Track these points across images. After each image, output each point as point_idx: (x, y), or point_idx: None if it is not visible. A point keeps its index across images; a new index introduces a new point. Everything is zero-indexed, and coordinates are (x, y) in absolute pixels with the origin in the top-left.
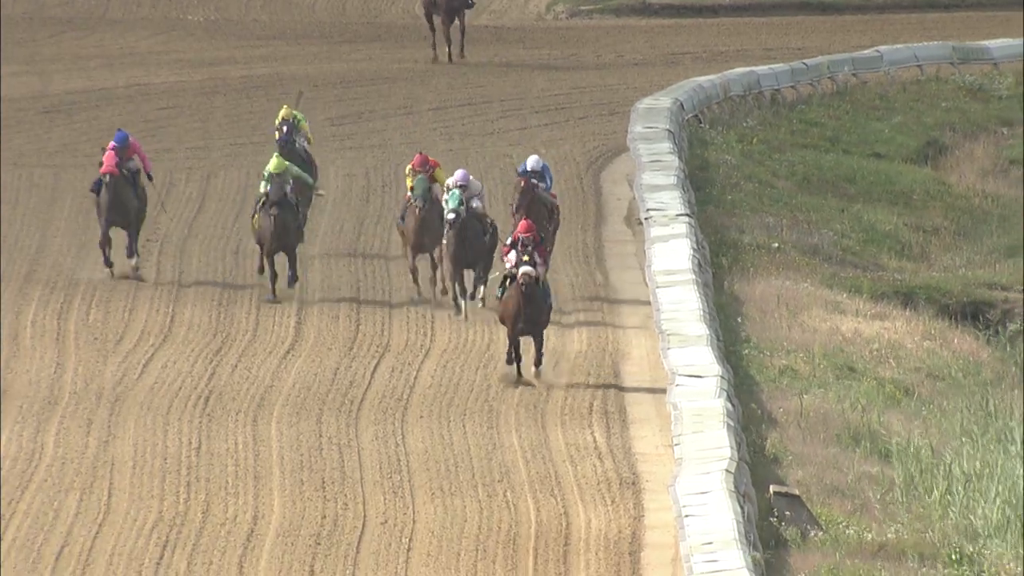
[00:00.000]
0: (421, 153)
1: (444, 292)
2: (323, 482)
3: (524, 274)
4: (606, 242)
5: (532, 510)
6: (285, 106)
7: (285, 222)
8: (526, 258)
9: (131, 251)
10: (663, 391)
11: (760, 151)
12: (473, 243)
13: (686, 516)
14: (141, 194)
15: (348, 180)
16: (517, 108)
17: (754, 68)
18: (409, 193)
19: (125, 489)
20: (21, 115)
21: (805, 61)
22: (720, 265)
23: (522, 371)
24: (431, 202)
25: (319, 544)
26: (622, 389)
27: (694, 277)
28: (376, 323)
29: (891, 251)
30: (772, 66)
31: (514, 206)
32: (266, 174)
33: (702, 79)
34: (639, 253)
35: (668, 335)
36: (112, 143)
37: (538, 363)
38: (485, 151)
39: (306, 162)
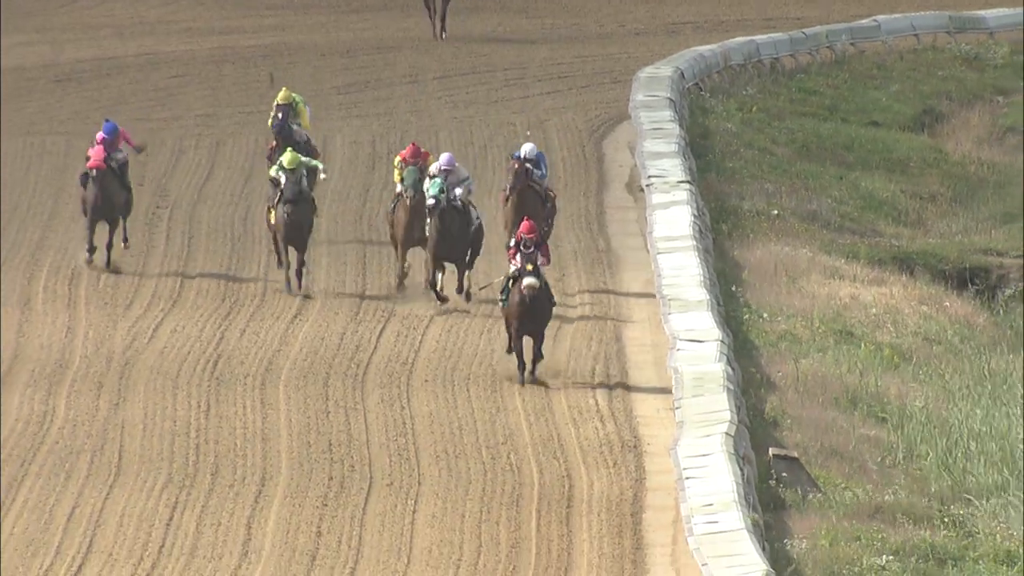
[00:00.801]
0: (414, 143)
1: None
2: (330, 444)
3: (528, 286)
4: (608, 208)
5: (535, 472)
6: (284, 88)
7: (300, 220)
8: (530, 267)
9: (123, 238)
10: (664, 355)
11: (759, 119)
12: (455, 234)
13: (687, 478)
14: (128, 187)
15: (354, 147)
16: (520, 77)
17: (754, 37)
18: (399, 185)
19: (135, 451)
20: (33, 84)
21: (804, 31)
22: (720, 231)
23: (524, 374)
24: (422, 193)
25: (326, 505)
26: (624, 353)
27: (695, 243)
28: (382, 289)
29: (888, 217)
30: (772, 35)
31: (507, 189)
32: (279, 166)
33: (703, 48)
34: (640, 219)
35: (669, 300)
36: (101, 134)
37: (539, 357)
38: (489, 119)
39: (305, 147)
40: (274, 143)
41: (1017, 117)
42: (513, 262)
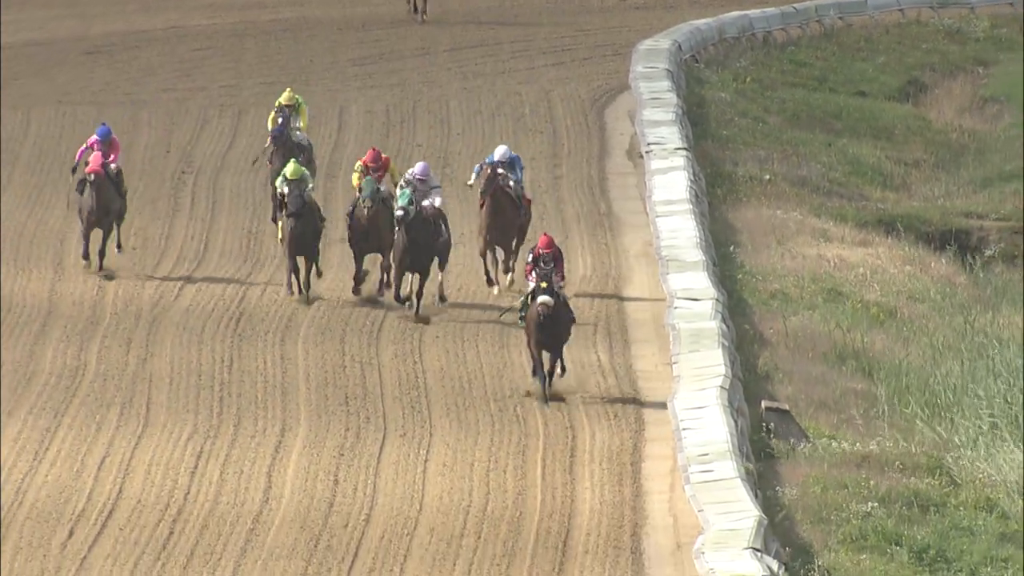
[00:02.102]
0: (374, 148)
1: (387, 288)
2: (346, 397)
3: (543, 304)
4: (609, 174)
5: (540, 424)
6: (288, 90)
7: (304, 233)
8: (544, 284)
9: (116, 243)
10: (662, 313)
11: (752, 89)
12: (422, 245)
13: (683, 429)
14: (123, 194)
15: (369, 116)
16: (525, 49)
17: (747, 12)
18: (357, 192)
19: (162, 403)
20: (65, 56)
21: (795, 5)
22: (715, 195)
23: (547, 392)
24: (380, 203)
25: (342, 455)
26: (624, 311)
27: (691, 207)
28: None
29: (874, 182)
30: (764, 10)
31: (480, 193)
32: (283, 177)
33: (699, 22)
34: (640, 184)
35: (667, 261)
36: (95, 137)
37: (561, 373)
38: (496, 89)
39: (303, 149)
40: (273, 148)
41: (996, 87)
42: (530, 279)
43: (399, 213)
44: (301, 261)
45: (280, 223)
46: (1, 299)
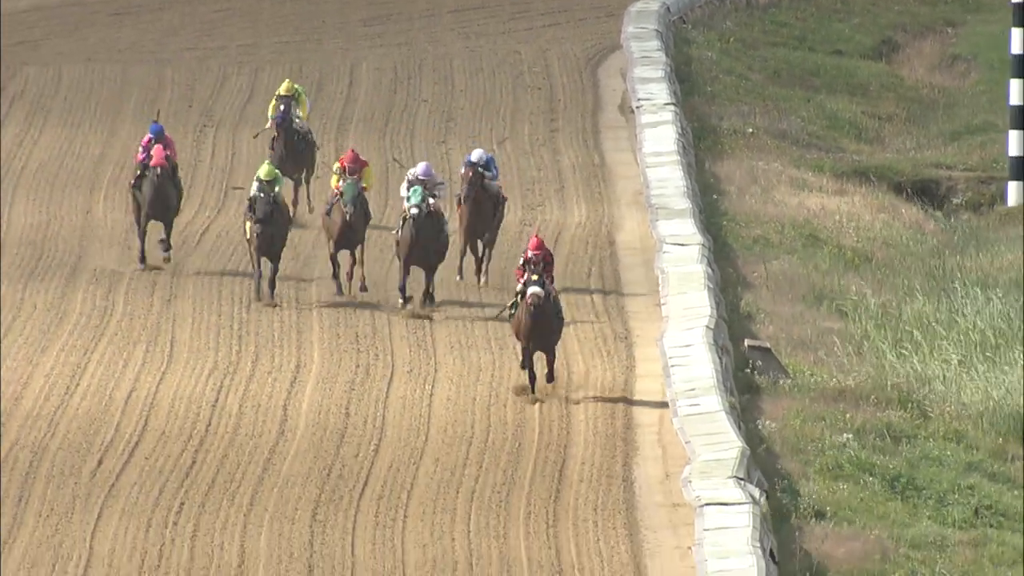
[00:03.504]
0: (352, 150)
1: (363, 289)
2: (357, 336)
3: (533, 295)
4: (602, 128)
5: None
6: (287, 80)
7: (273, 236)
8: (535, 277)
9: (166, 246)
10: (652, 257)
11: (736, 48)
12: (428, 242)
13: (672, 366)
14: (179, 187)
15: (378, 74)
16: (525, 11)
17: None
18: (335, 193)
19: (185, 342)
20: (93, 16)
21: None
22: (701, 148)
23: (535, 389)
24: (359, 207)
25: (353, 390)
26: (616, 256)
27: (679, 158)
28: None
29: (850, 135)
30: None
31: (460, 196)
32: (256, 179)
33: None
34: (631, 137)
35: (656, 208)
36: (149, 135)
37: (549, 379)
38: (497, 48)
39: (304, 140)
40: (275, 134)
41: (964, 46)
42: (521, 279)
43: (414, 211)
44: (266, 264)
45: (248, 223)
46: (32, 245)
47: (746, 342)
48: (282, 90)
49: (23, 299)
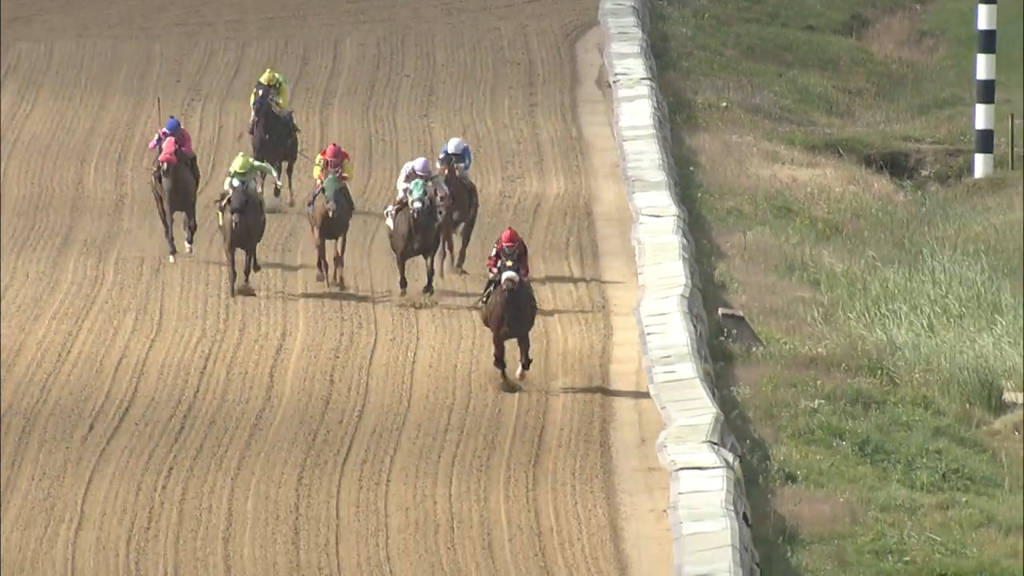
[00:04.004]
0: (334, 144)
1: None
2: (341, 305)
3: (508, 279)
4: (580, 102)
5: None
6: (269, 69)
7: (248, 227)
8: (509, 263)
9: (190, 236)
10: (629, 228)
11: (711, 24)
12: (426, 233)
13: (648, 334)
14: (198, 176)
15: (361, 49)
16: None
17: None
18: (318, 185)
19: (173, 310)
20: None
21: None
22: (677, 121)
23: (507, 375)
24: (341, 201)
25: (338, 357)
26: (594, 227)
27: (655, 132)
28: (385, 171)
29: (821, 109)
30: None
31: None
32: (231, 172)
33: None
34: (608, 111)
35: (633, 181)
36: (164, 129)
37: (526, 367)
38: (478, 24)
39: (287, 126)
40: (253, 120)
41: (932, 22)
42: (494, 271)
43: (416, 205)
44: (240, 255)
45: (222, 213)
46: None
47: (720, 311)
48: (263, 79)
49: (16, 268)
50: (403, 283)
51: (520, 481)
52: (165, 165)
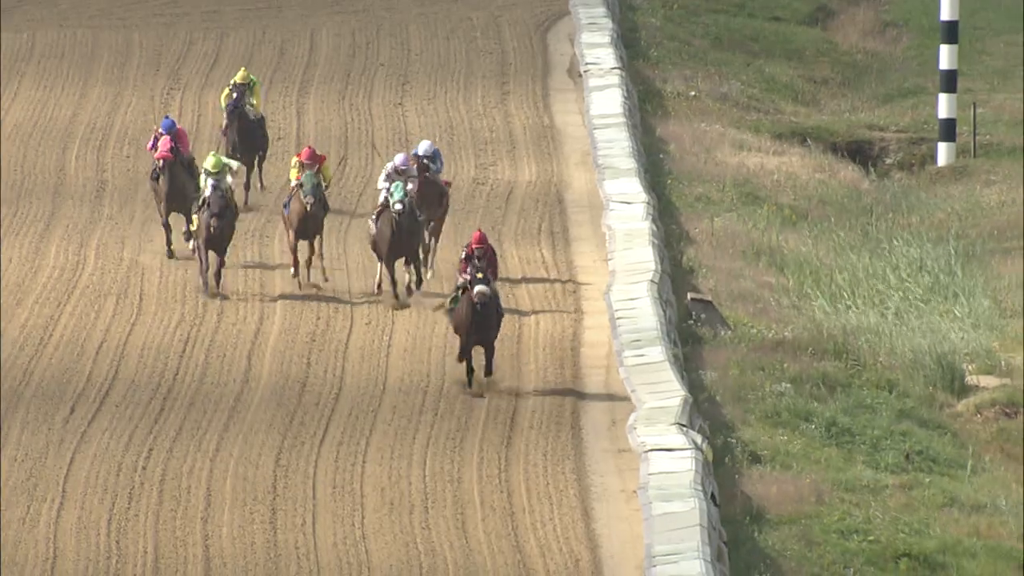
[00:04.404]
0: (310, 147)
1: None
2: (318, 291)
3: (479, 293)
4: (551, 90)
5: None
6: (243, 69)
7: (224, 229)
8: (480, 275)
9: (188, 235)
10: (599, 215)
11: (679, 15)
12: (410, 234)
13: (618, 318)
14: (196, 177)
15: (337, 39)
16: None
17: None
18: (294, 184)
19: (153, 294)
20: None
21: None
22: (647, 110)
23: (472, 382)
24: (319, 198)
25: (314, 341)
26: (565, 213)
27: (625, 120)
28: (360, 159)
29: (788, 98)
30: None
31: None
32: (204, 171)
33: None
34: (579, 100)
35: (603, 168)
36: (160, 129)
37: (487, 372)
38: (451, 15)
39: (260, 128)
40: (227, 122)
41: (896, 13)
42: (464, 275)
43: (398, 207)
44: (212, 257)
45: (197, 217)
46: (2, 202)
47: (689, 295)
48: (238, 78)
49: None
50: (393, 283)
51: (493, 462)
52: (161, 163)
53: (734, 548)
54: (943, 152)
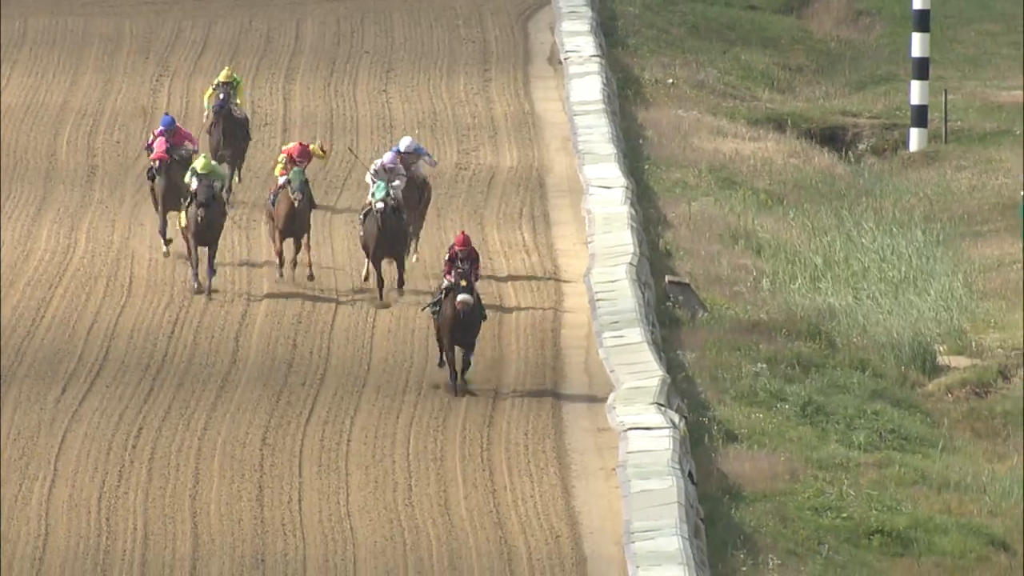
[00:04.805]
0: (301, 143)
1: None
2: (304, 272)
3: (462, 303)
4: (532, 78)
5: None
6: (227, 68)
7: (212, 221)
8: (464, 283)
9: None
10: (579, 199)
11: (657, 3)
12: (393, 233)
13: (597, 300)
14: None
15: (322, 27)
16: None
17: None
18: (282, 181)
19: (143, 277)
20: None
21: None
22: (625, 97)
23: (457, 389)
24: (306, 195)
25: (300, 322)
26: (546, 197)
27: (604, 107)
28: (345, 144)
29: (764, 85)
30: None
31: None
32: (192, 171)
33: None
34: (559, 87)
35: (583, 153)
36: (159, 128)
37: (464, 370)
38: (435, 4)
39: (241, 124)
40: (212, 120)
41: (869, 2)
42: (448, 277)
43: (379, 206)
44: (203, 252)
45: (185, 212)
46: (1, 186)
47: (667, 278)
48: (221, 77)
49: None
50: (380, 283)
51: (475, 441)
52: (157, 163)
53: (711, 524)
54: (915, 138)
